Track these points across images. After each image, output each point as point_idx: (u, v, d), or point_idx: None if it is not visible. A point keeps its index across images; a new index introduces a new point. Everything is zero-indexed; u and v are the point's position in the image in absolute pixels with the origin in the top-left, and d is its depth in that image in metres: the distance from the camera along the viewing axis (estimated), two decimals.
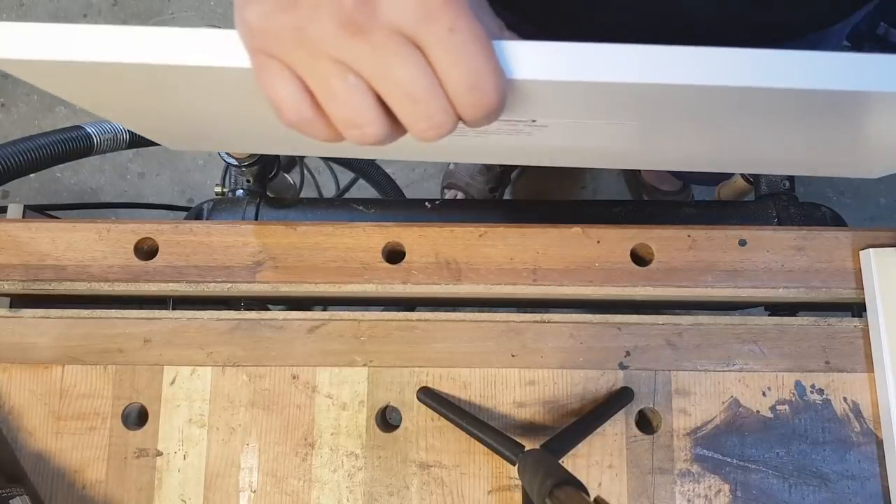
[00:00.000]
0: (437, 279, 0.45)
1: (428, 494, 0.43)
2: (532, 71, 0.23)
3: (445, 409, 0.42)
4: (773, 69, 0.24)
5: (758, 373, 0.44)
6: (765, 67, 0.24)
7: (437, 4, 0.20)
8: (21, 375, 0.45)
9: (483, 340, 0.45)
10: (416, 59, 0.21)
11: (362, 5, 0.20)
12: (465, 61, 0.21)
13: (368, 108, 0.22)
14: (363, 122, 0.22)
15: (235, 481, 0.43)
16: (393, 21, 0.20)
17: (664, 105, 0.27)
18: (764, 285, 0.45)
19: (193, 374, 0.45)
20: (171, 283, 0.45)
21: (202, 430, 0.44)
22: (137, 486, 0.43)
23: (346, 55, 0.21)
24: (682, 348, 0.44)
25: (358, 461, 0.43)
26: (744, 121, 0.30)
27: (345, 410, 0.44)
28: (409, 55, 0.21)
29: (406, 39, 0.21)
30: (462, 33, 0.21)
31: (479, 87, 0.21)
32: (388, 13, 0.20)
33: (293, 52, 0.21)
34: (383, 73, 0.21)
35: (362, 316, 0.45)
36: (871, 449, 0.43)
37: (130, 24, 1.43)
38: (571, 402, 0.44)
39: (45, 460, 0.44)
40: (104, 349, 0.45)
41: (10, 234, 0.46)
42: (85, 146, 0.59)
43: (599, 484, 0.43)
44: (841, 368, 0.44)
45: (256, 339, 0.45)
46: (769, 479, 0.42)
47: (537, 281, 0.45)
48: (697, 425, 0.43)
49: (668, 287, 0.45)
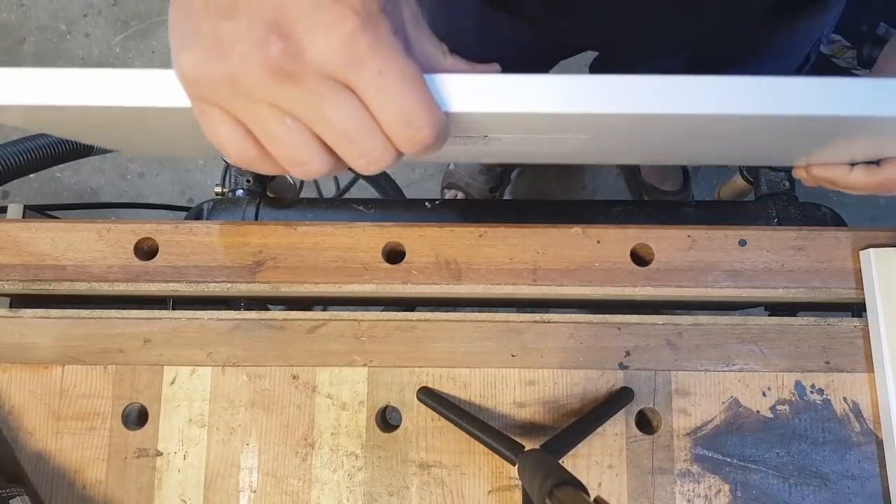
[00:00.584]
0: (437, 279, 0.45)
1: (428, 494, 0.43)
2: (464, 104, 0.24)
3: (445, 410, 0.42)
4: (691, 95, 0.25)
5: (758, 373, 0.44)
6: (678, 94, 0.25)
7: (363, 49, 0.21)
8: (21, 375, 0.45)
9: (483, 340, 0.45)
10: (349, 102, 0.21)
11: (288, 54, 0.20)
12: (397, 101, 0.21)
13: (309, 147, 0.22)
14: (305, 160, 0.23)
15: (235, 481, 0.43)
16: (321, 67, 0.21)
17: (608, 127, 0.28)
18: (764, 285, 0.45)
19: (193, 374, 0.45)
20: (171, 284, 0.45)
21: (202, 430, 0.44)
22: (137, 486, 0.43)
23: (281, 100, 0.21)
24: (682, 348, 0.44)
25: (358, 461, 0.43)
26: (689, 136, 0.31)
27: (345, 410, 0.44)
28: (341, 98, 0.21)
29: (337, 83, 0.21)
30: (390, 75, 0.21)
31: (412, 124, 0.22)
32: (316, 59, 0.21)
33: (229, 99, 0.22)
34: (318, 116, 0.22)
35: (362, 316, 0.45)
36: (871, 449, 0.43)
37: (131, 23, 1.43)
38: (571, 402, 0.44)
39: (45, 460, 0.44)
40: (104, 349, 0.45)
41: (10, 234, 0.46)
42: (84, 146, 0.59)
43: (599, 484, 0.43)
44: (841, 368, 0.44)
45: (256, 339, 0.45)
46: (769, 479, 0.42)
47: (537, 281, 0.45)
48: (697, 425, 0.43)
49: (668, 287, 0.45)
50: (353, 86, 0.21)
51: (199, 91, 0.22)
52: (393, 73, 0.21)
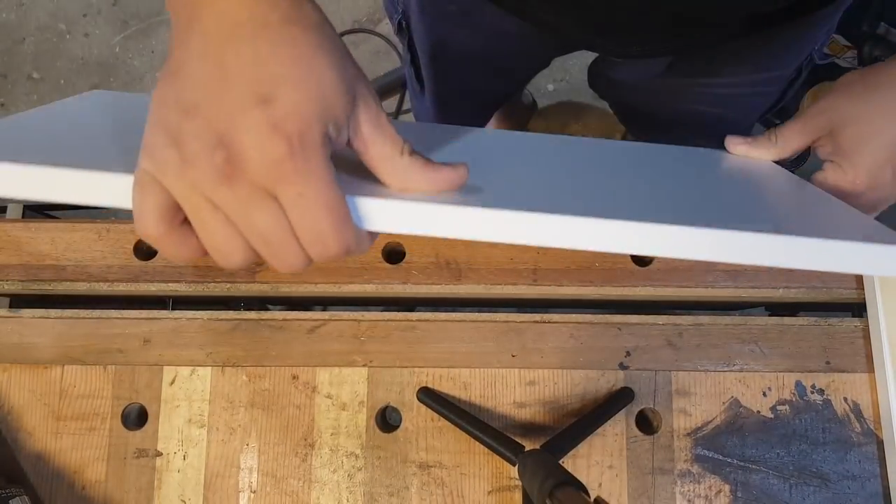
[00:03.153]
0: (437, 279, 0.45)
1: (428, 495, 0.43)
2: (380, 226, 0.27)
3: (445, 410, 0.42)
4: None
5: (758, 373, 0.44)
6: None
7: (289, 171, 0.24)
8: (21, 375, 0.45)
9: (483, 340, 0.45)
10: (273, 212, 0.25)
11: (229, 162, 0.24)
12: (310, 220, 0.25)
13: (234, 242, 0.26)
14: (229, 252, 0.26)
15: (235, 482, 0.43)
16: (254, 179, 0.24)
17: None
18: (764, 285, 0.45)
19: (193, 375, 0.45)
20: (170, 283, 0.45)
21: (202, 431, 0.44)
22: (137, 486, 0.43)
23: (217, 198, 0.25)
24: (683, 348, 0.44)
25: (358, 461, 0.43)
26: None
27: (344, 411, 0.44)
28: (267, 208, 0.25)
29: (267, 194, 0.25)
30: (309, 197, 0.25)
31: (322, 241, 0.26)
32: (250, 172, 0.24)
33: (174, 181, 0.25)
34: (245, 219, 0.25)
35: (362, 316, 0.45)
36: (871, 449, 0.43)
37: (130, 23, 1.43)
38: (571, 402, 0.44)
39: (44, 460, 0.44)
40: (104, 349, 0.45)
41: (10, 234, 0.46)
42: None
43: (600, 484, 0.43)
44: (841, 368, 0.44)
45: (256, 339, 0.45)
46: (769, 479, 0.42)
47: (537, 281, 0.45)
48: (698, 425, 0.43)
49: (669, 287, 0.45)
50: (278, 198, 0.25)
51: (150, 164, 0.25)
52: (311, 196, 0.25)
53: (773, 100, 0.66)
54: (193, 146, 0.24)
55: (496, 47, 0.63)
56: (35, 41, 1.44)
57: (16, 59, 1.43)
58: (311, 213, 0.25)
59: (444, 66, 0.68)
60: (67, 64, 1.43)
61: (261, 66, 0.25)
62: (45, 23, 1.44)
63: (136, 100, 0.42)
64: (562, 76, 1.36)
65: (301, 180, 0.24)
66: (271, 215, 0.25)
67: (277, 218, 0.25)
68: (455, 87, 0.73)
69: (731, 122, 0.70)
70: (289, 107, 0.24)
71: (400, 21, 0.65)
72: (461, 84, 0.72)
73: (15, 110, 1.42)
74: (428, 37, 0.63)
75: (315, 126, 0.25)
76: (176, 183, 0.25)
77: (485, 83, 0.75)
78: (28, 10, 1.44)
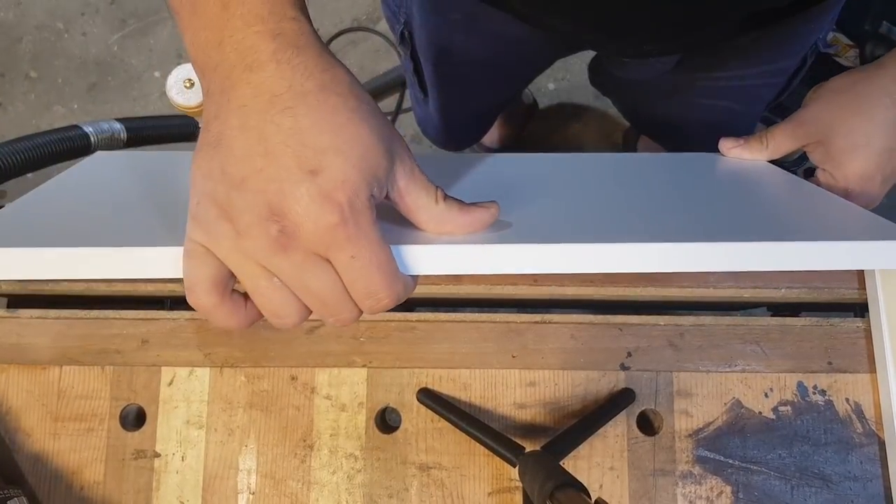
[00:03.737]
0: (437, 279, 0.45)
1: (428, 496, 0.42)
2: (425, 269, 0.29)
3: (445, 411, 0.42)
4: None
5: (760, 373, 0.44)
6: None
7: (341, 238, 0.25)
8: (19, 376, 0.44)
9: (483, 341, 0.44)
10: (327, 275, 0.26)
11: (284, 233, 0.25)
12: (363, 280, 0.27)
13: (290, 305, 0.27)
14: (284, 315, 0.28)
15: (234, 483, 0.43)
16: (308, 246, 0.26)
17: None
18: (766, 285, 0.45)
19: (191, 375, 0.44)
20: (168, 283, 0.45)
21: (200, 432, 0.44)
22: (135, 487, 0.43)
23: (272, 265, 0.26)
24: (684, 349, 0.44)
25: (357, 463, 0.43)
26: None
27: (344, 412, 0.44)
28: (321, 272, 0.26)
29: (320, 258, 0.26)
30: (361, 259, 0.26)
31: (374, 296, 0.27)
32: (305, 240, 0.25)
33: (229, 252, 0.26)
34: (301, 284, 0.26)
35: (361, 316, 0.45)
36: (873, 450, 0.43)
37: (129, 22, 1.43)
38: (572, 403, 0.44)
39: (42, 461, 0.43)
40: (102, 350, 0.45)
41: None
42: (82, 145, 0.59)
43: (600, 486, 0.42)
44: (843, 369, 0.44)
45: (255, 340, 0.45)
46: (771, 480, 0.42)
47: (538, 281, 0.45)
48: (699, 426, 0.43)
49: (670, 287, 0.45)
50: (333, 262, 0.26)
51: (202, 236, 0.26)
52: (363, 258, 0.26)
53: (779, 89, 0.67)
54: (247, 218, 0.25)
55: (501, 52, 0.62)
56: (33, 40, 1.43)
57: (13, 58, 1.42)
58: (364, 274, 0.26)
59: (449, 73, 0.68)
60: (65, 63, 1.42)
61: (304, 137, 0.25)
62: (42, 21, 1.43)
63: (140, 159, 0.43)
64: (563, 75, 1.36)
65: (353, 245, 0.26)
66: (326, 279, 0.26)
67: (332, 280, 0.27)
68: (459, 93, 0.73)
69: (737, 113, 0.70)
70: (337, 176, 0.25)
71: (402, 31, 0.65)
72: (465, 90, 0.72)
73: (13, 109, 1.41)
74: (431, 45, 0.63)
75: (363, 191, 0.26)
76: (231, 254, 0.26)
77: (489, 88, 0.74)
78: (26, 9, 1.44)
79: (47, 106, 1.41)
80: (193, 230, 0.26)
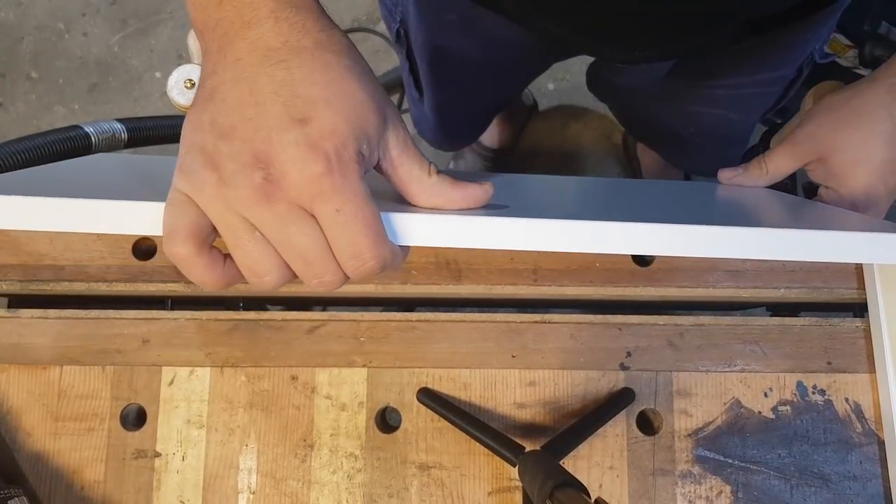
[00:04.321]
0: (437, 279, 0.45)
1: (428, 496, 0.43)
2: (414, 240, 0.28)
3: (445, 410, 0.42)
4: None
5: (759, 373, 0.44)
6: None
7: (326, 188, 0.25)
8: (19, 376, 0.44)
9: (483, 341, 0.44)
10: (311, 230, 0.25)
11: (268, 180, 0.24)
12: (348, 237, 0.25)
13: (270, 261, 0.26)
14: (263, 272, 0.26)
15: (234, 482, 0.43)
16: (292, 196, 0.25)
17: None
18: (766, 285, 0.45)
19: (192, 375, 0.44)
20: (169, 283, 0.45)
21: (201, 431, 0.44)
22: (136, 487, 0.43)
23: (254, 217, 0.25)
24: (684, 349, 0.44)
25: (357, 462, 0.43)
26: None
27: (344, 411, 0.44)
28: (305, 226, 0.25)
29: (304, 212, 0.25)
30: (346, 214, 0.25)
31: (359, 257, 0.26)
32: (289, 190, 0.25)
33: (210, 201, 0.25)
34: (283, 237, 0.25)
35: (361, 316, 0.45)
36: (872, 450, 0.43)
37: (129, 22, 1.43)
38: (572, 402, 0.44)
39: (43, 461, 0.43)
40: (102, 349, 0.45)
41: (8, 234, 0.46)
42: (83, 145, 0.59)
43: (600, 485, 0.42)
44: (843, 369, 0.44)
45: (255, 340, 0.45)
46: (771, 480, 0.42)
47: (538, 281, 0.45)
48: (699, 426, 0.43)
49: (670, 287, 0.45)
50: (317, 216, 0.25)
51: (186, 184, 0.26)
52: (348, 213, 0.25)
53: (775, 99, 0.66)
54: (231, 166, 0.25)
55: (496, 54, 0.62)
56: (34, 40, 1.43)
57: (14, 59, 1.42)
58: (348, 230, 0.25)
59: (444, 74, 0.67)
60: (66, 63, 1.42)
61: (295, 88, 0.25)
62: (43, 22, 1.43)
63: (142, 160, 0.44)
64: (563, 76, 1.36)
65: (338, 196, 0.25)
66: (310, 232, 0.25)
67: (316, 236, 0.25)
68: (455, 93, 0.73)
69: (733, 121, 0.70)
70: (326, 125, 0.25)
71: (398, 30, 0.65)
72: (461, 90, 0.72)
73: (13, 110, 1.41)
74: (427, 45, 0.63)
75: (350, 144, 0.25)
76: (212, 203, 0.25)
77: (484, 89, 0.74)
78: (27, 10, 1.44)
79: (48, 106, 1.41)
80: (178, 180, 0.26)
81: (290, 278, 0.27)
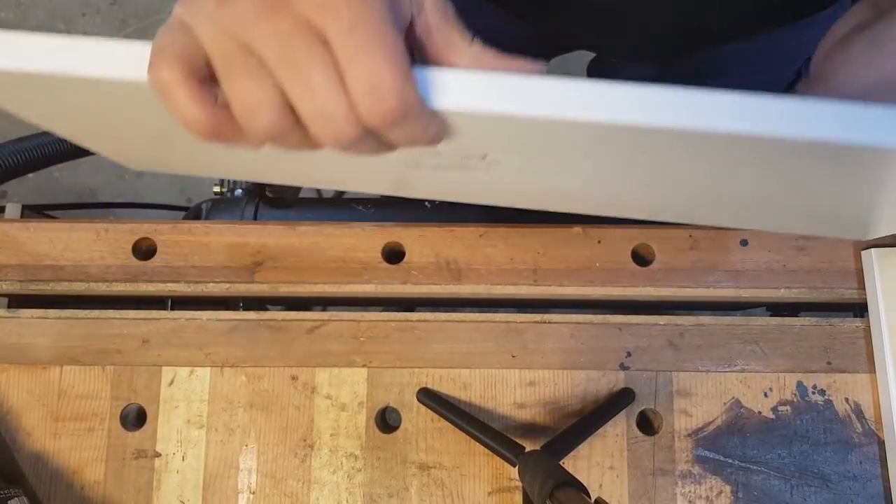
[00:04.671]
0: (437, 279, 0.45)
1: (428, 496, 0.43)
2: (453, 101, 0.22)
3: (445, 410, 0.42)
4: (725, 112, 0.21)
5: (759, 373, 0.44)
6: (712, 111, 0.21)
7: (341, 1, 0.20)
8: (19, 376, 0.45)
9: (483, 341, 0.44)
10: (318, 49, 0.21)
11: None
12: (362, 61, 0.20)
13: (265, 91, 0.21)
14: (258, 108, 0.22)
15: (234, 482, 0.43)
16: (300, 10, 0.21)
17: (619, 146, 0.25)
18: (765, 285, 0.45)
19: (192, 375, 0.44)
20: (169, 284, 0.45)
21: (201, 431, 0.44)
22: (136, 487, 0.43)
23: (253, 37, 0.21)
24: (684, 349, 0.44)
25: (357, 462, 0.43)
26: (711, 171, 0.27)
27: (344, 411, 0.44)
28: (312, 46, 0.21)
29: (312, 33, 0.21)
30: (362, 33, 0.20)
31: (377, 88, 0.21)
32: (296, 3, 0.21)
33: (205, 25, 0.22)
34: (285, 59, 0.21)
35: (361, 316, 0.45)
36: (872, 450, 0.43)
37: (129, 22, 1.43)
38: (572, 402, 0.44)
39: (43, 461, 0.44)
40: (102, 350, 0.45)
41: (8, 234, 0.46)
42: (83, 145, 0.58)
43: (600, 485, 0.42)
44: (843, 369, 0.44)
45: (255, 340, 0.45)
46: (771, 480, 0.42)
47: (538, 281, 0.45)
48: (699, 426, 0.43)
49: (670, 287, 0.45)
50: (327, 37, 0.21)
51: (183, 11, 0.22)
52: (364, 32, 0.20)
53: None
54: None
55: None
56: None
57: None
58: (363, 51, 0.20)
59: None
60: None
61: None
62: (43, 22, 1.43)
63: None
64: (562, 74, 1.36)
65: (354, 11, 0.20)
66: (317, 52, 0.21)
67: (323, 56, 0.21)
68: None
69: None
70: None
71: None
72: None
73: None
74: None
75: None
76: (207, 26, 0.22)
77: None
78: (27, 10, 1.44)
79: None
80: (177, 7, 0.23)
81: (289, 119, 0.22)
